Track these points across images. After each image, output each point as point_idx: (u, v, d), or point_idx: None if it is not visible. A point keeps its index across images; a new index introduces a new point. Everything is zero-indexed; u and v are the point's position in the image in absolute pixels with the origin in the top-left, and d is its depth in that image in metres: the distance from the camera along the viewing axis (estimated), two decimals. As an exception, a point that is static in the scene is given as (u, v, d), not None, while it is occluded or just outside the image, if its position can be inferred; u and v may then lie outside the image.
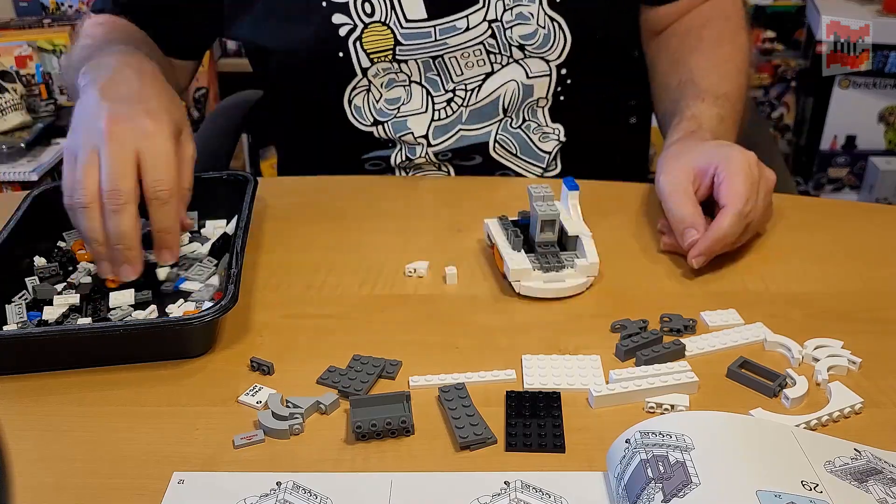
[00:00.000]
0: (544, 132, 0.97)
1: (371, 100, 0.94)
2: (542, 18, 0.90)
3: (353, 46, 0.90)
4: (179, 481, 0.54)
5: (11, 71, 1.91)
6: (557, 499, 0.51)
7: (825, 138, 2.13)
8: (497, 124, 0.96)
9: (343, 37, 0.90)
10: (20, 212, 0.78)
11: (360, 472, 0.54)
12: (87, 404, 0.61)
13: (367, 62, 0.91)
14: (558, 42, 0.91)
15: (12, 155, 1.84)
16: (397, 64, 0.91)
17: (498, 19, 0.89)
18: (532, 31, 0.90)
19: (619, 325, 0.67)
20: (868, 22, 1.55)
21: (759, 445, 0.50)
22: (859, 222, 0.85)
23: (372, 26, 0.89)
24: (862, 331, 0.66)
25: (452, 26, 0.89)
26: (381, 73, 0.92)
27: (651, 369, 0.61)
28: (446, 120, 0.95)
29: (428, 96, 0.94)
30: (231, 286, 0.66)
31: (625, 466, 0.49)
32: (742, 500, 0.44)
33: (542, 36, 0.90)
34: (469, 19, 0.89)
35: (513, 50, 0.91)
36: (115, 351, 0.64)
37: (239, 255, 0.70)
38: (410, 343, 0.66)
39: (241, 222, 0.75)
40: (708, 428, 0.50)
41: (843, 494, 0.47)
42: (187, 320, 0.63)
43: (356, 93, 0.94)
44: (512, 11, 0.89)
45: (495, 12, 0.89)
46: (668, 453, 0.48)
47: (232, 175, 0.84)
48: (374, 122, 0.95)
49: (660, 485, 0.46)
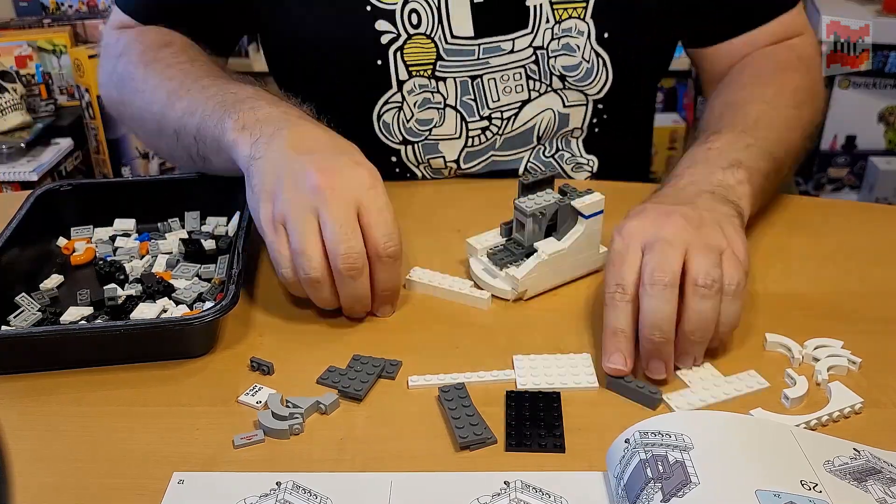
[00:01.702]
0: (578, 163, 0.96)
1: (402, 118, 0.91)
2: (587, 52, 0.88)
3: (394, 56, 0.87)
4: (179, 481, 0.54)
5: (11, 71, 1.91)
6: (557, 499, 0.51)
7: (825, 138, 2.13)
8: (530, 151, 0.95)
9: (384, 45, 0.87)
10: (22, 211, 0.78)
11: (360, 472, 0.54)
12: (87, 404, 0.61)
13: (406, 75, 0.88)
14: (600, 77, 0.90)
15: (12, 155, 1.84)
16: (435, 82, 0.89)
17: (544, 47, 0.88)
18: (576, 64, 0.89)
19: None
20: (868, 22, 1.55)
21: (759, 445, 0.50)
22: (859, 222, 0.85)
23: (416, 38, 0.87)
24: (862, 331, 0.66)
25: (497, 46, 0.88)
26: (417, 89, 0.89)
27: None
28: (479, 146, 0.94)
29: (462, 122, 0.91)
30: (232, 286, 0.66)
31: (624, 466, 0.49)
32: (741, 499, 0.45)
33: (584, 70, 0.89)
34: (515, 42, 0.88)
35: (553, 79, 0.90)
36: (116, 351, 0.64)
37: (241, 255, 0.70)
38: (410, 343, 0.66)
39: (242, 221, 0.75)
40: (707, 428, 0.50)
41: (842, 494, 0.47)
42: (188, 320, 0.63)
43: (387, 108, 0.91)
44: (559, 41, 0.88)
45: (542, 40, 0.88)
46: (668, 453, 0.48)
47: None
48: (402, 141, 0.93)
49: (659, 484, 0.46)
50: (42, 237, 0.81)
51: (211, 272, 0.76)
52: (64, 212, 0.83)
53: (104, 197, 0.85)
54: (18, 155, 1.85)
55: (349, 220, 0.63)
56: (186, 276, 0.75)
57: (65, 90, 2.02)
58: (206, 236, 0.81)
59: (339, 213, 0.63)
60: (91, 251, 0.79)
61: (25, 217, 0.77)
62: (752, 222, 0.82)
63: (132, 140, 2.01)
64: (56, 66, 2.00)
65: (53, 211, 0.82)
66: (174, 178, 0.87)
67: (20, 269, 0.75)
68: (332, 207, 0.63)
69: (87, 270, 0.78)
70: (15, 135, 1.86)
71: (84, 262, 0.78)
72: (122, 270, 0.75)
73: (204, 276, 0.75)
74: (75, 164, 1.96)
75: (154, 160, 2.07)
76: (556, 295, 0.73)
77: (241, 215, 0.77)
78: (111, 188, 0.88)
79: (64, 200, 0.83)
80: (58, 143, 1.92)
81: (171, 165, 2.10)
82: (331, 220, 0.63)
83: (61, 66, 2.00)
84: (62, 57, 1.99)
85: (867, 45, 1.53)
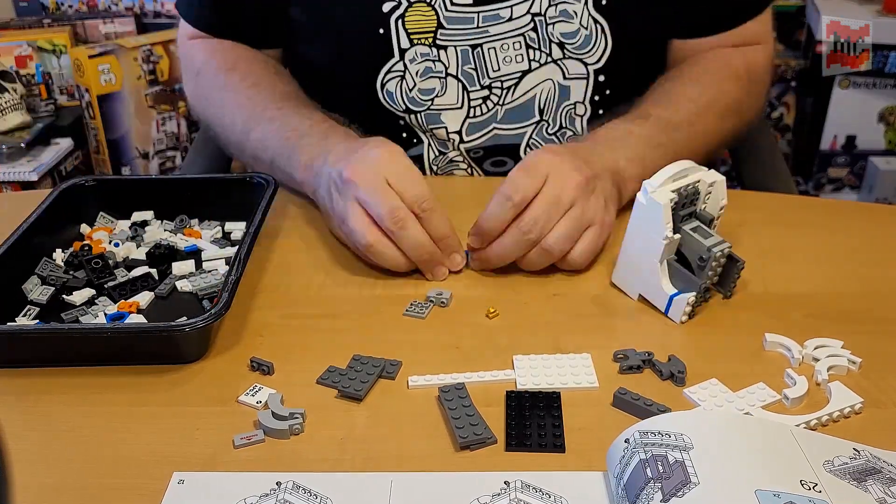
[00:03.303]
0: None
1: (405, 87, 0.93)
2: (585, 19, 0.89)
3: (395, 25, 0.90)
4: (179, 481, 0.54)
5: (11, 71, 1.91)
6: (557, 499, 0.51)
7: (825, 138, 2.12)
8: (533, 127, 0.96)
9: (386, 13, 0.89)
10: (45, 205, 0.79)
11: (360, 472, 0.54)
12: (87, 404, 0.61)
13: (407, 43, 0.90)
14: (599, 44, 0.91)
15: (12, 155, 1.84)
16: (436, 50, 0.91)
17: (541, 13, 0.89)
18: (574, 31, 0.90)
19: (621, 354, 0.64)
20: (868, 22, 1.55)
21: (759, 445, 0.50)
22: (859, 222, 0.85)
23: (416, 5, 0.89)
24: (862, 331, 0.66)
25: (496, 14, 0.89)
26: (419, 57, 0.91)
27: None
28: (481, 118, 0.95)
29: (464, 91, 0.93)
30: (225, 294, 0.65)
31: (624, 466, 0.49)
32: (741, 499, 0.45)
33: (583, 36, 0.90)
34: (513, 10, 0.89)
35: (552, 47, 0.91)
36: (105, 351, 0.64)
37: (242, 262, 0.70)
38: (410, 343, 0.67)
39: (250, 228, 0.75)
40: (707, 427, 0.51)
41: (841, 494, 0.47)
42: (179, 327, 0.62)
43: (390, 77, 0.93)
44: (556, 7, 0.89)
45: (539, 6, 0.89)
46: (668, 453, 0.48)
47: (255, 177, 0.84)
48: (405, 110, 0.95)
49: (659, 484, 0.46)
50: (64, 232, 0.81)
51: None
52: (87, 207, 0.84)
53: (127, 193, 0.86)
54: (18, 155, 1.85)
55: (378, 187, 0.71)
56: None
57: (65, 90, 2.02)
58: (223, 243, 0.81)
59: (368, 187, 0.72)
60: (99, 242, 0.80)
61: (48, 210, 0.78)
62: (753, 222, 0.82)
63: (132, 140, 2.01)
64: (56, 66, 2.00)
65: (76, 206, 0.83)
66: (198, 178, 0.89)
67: (39, 262, 0.76)
68: (363, 186, 0.72)
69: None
70: (15, 135, 1.86)
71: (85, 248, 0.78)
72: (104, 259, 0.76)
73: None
74: (75, 164, 1.96)
75: (154, 160, 2.07)
76: (557, 295, 0.73)
77: (249, 222, 0.76)
78: (134, 185, 0.89)
79: (87, 196, 0.84)
80: (58, 143, 1.92)
81: (170, 165, 2.10)
82: (364, 195, 0.72)
83: (61, 66, 2.00)
84: (62, 57, 1.99)
85: (867, 45, 1.53)
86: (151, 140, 2.05)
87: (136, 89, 1.99)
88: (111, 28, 2.05)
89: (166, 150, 2.08)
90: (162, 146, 2.07)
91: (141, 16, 2.08)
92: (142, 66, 1.98)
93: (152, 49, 1.99)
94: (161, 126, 2.05)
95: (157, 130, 2.05)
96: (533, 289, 0.74)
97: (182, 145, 2.09)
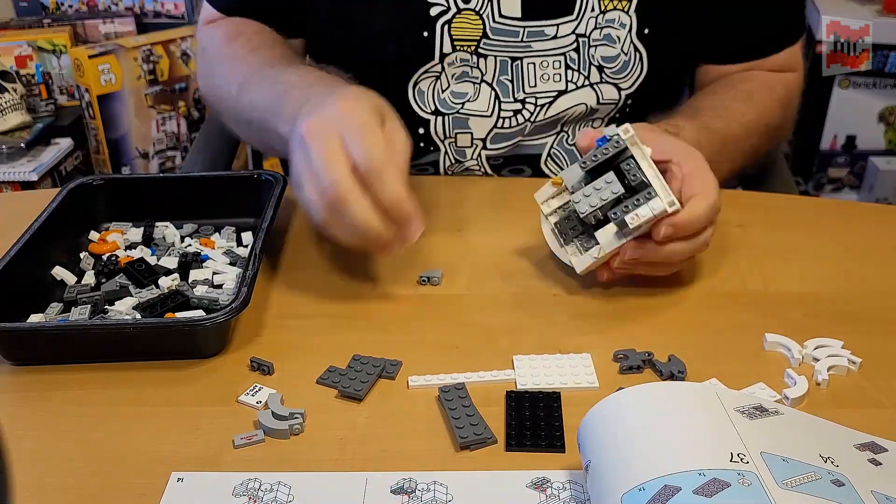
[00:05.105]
0: None
1: (438, 87, 0.93)
2: (627, 45, 0.90)
3: (441, 29, 0.89)
4: (178, 480, 0.54)
5: (11, 71, 1.91)
6: (557, 498, 0.51)
7: (825, 138, 2.12)
8: (553, 137, 0.96)
9: (433, 17, 0.89)
10: (54, 204, 0.79)
11: (361, 472, 0.54)
12: (87, 404, 0.61)
13: (450, 48, 0.90)
14: (634, 71, 0.91)
15: (12, 155, 1.84)
16: (477, 58, 0.91)
17: (586, 35, 0.89)
18: (615, 55, 0.90)
19: (621, 354, 0.64)
20: (868, 22, 1.55)
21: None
22: (859, 222, 0.85)
23: (465, 13, 0.88)
24: (862, 331, 0.67)
25: (541, 31, 0.89)
26: (458, 63, 0.91)
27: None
28: (509, 130, 0.94)
29: (496, 100, 0.93)
30: (244, 288, 0.66)
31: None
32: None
33: (622, 62, 0.91)
34: (559, 28, 0.89)
35: (591, 70, 0.91)
36: (126, 348, 0.65)
37: (258, 258, 0.70)
38: (410, 343, 0.67)
39: (262, 223, 0.75)
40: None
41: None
42: (199, 321, 0.63)
43: (424, 77, 0.92)
44: (601, 31, 0.89)
45: (586, 28, 0.89)
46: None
47: (263, 175, 0.84)
48: (434, 111, 0.94)
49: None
50: (73, 231, 0.81)
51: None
52: (95, 206, 0.84)
53: (136, 193, 0.86)
54: (18, 155, 1.85)
55: (327, 150, 0.64)
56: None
57: (65, 90, 2.02)
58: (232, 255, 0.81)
59: (319, 149, 0.64)
60: (115, 245, 0.80)
61: (56, 210, 0.78)
62: (753, 222, 0.82)
63: (132, 140, 2.01)
64: (56, 66, 2.00)
65: (84, 205, 0.83)
66: (205, 176, 0.88)
67: (49, 261, 0.76)
68: (314, 148, 0.64)
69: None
70: (15, 135, 1.86)
71: (104, 252, 0.79)
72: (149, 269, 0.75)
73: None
74: (75, 164, 1.96)
75: (154, 160, 2.07)
76: (557, 295, 0.73)
77: (262, 219, 0.77)
78: (142, 184, 0.89)
79: (95, 195, 0.84)
80: (58, 143, 1.91)
81: (170, 165, 2.10)
82: (314, 159, 0.64)
83: (61, 66, 2.00)
84: (62, 57, 1.98)
85: (867, 45, 1.53)
86: (151, 140, 2.05)
87: (136, 89, 1.98)
88: (111, 28, 2.05)
89: (166, 150, 2.08)
90: (162, 146, 2.07)
91: (141, 16, 2.08)
92: (142, 65, 1.98)
93: (152, 49, 1.99)
94: (161, 126, 2.05)
95: (157, 130, 2.05)
96: (533, 289, 0.74)
97: (182, 145, 2.09)
